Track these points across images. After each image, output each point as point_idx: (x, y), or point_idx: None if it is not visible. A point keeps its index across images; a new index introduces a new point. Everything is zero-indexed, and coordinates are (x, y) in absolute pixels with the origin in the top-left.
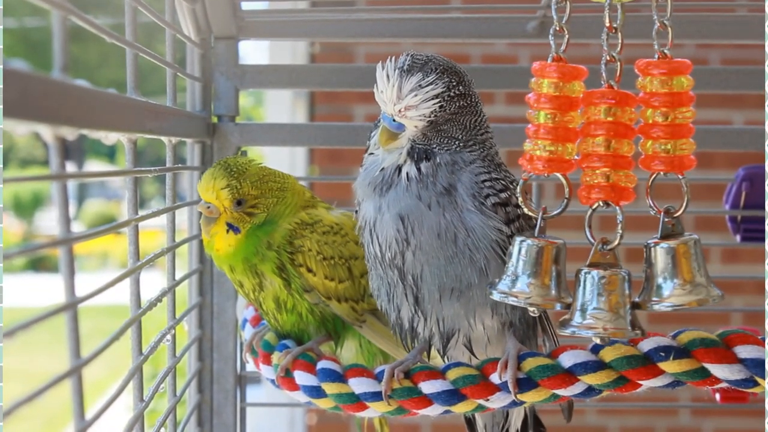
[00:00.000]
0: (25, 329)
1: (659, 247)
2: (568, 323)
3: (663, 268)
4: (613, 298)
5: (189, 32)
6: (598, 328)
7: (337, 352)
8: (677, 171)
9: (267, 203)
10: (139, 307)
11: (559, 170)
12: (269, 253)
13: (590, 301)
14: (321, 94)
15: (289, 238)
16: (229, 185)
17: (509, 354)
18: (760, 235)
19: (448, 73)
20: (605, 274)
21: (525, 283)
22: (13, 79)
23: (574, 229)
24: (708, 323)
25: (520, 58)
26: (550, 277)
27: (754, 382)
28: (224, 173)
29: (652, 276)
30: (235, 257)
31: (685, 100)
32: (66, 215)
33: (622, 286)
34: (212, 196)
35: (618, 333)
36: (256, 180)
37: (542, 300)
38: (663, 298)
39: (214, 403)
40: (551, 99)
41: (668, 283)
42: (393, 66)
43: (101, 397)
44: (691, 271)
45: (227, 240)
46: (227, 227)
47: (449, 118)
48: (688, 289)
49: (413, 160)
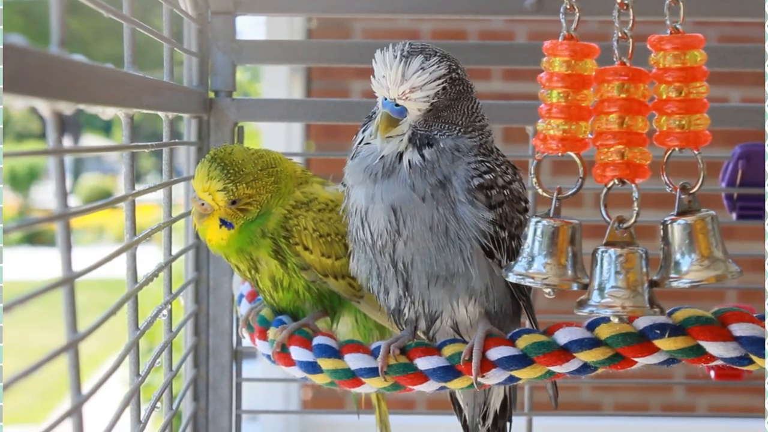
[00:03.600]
0: (23, 304)
1: (676, 223)
2: (586, 303)
3: (680, 245)
4: (631, 276)
5: (186, 7)
6: (617, 307)
7: (333, 328)
8: (692, 146)
9: (261, 200)
10: (136, 282)
11: (573, 149)
12: (264, 241)
13: (608, 280)
14: (318, 70)
15: (283, 222)
16: (225, 188)
17: (476, 338)
18: (756, 213)
19: (446, 58)
20: (622, 252)
21: (541, 264)
22: (10, 53)
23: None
24: (703, 301)
25: (517, 34)
26: (566, 257)
27: (748, 360)
28: (220, 174)
29: (669, 253)
30: (229, 248)
31: (699, 75)
32: (63, 190)
33: (639, 263)
34: (207, 197)
35: (637, 311)
36: (252, 180)
37: (559, 280)
38: (681, 274)
39: (209, 377)
40: (563, 77)
41: (686, 260)
42: (392, 53)
43: (97, 370)
44: (709, 247)
45: (219, 234)
46: (220, 222)
47: (449, 105)
48: (707, 264)
49: (415, 146)
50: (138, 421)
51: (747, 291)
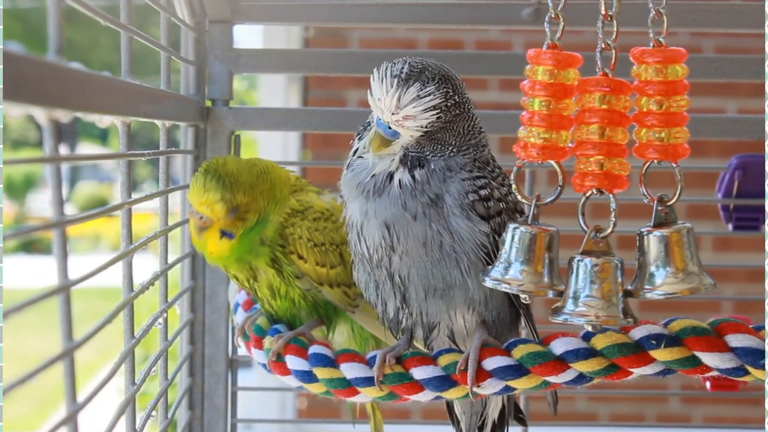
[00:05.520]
0: (19, 312)
1: (652, 235)
2: (561, 311)
3: (656, 257)
4: (606, 285)
5: (183, 15)
6: (590, 316)
7: (329, 337)
8: (671, 159)
9: (258, 206)
10: (132, 290)
11: (553, 158)
12: (262, 249)
13: (583, 289)
14: (315, 79)
15: (280, 231)
16: (223, 198)
17: (471, 347)
18: (752, 224)
19: (444, 82)
20: (598, 261)
21: (518, 270)
22: (7, 61)
23: (568, 217)
24: (699, 311)
25: (514, 44)
26: (543, 265)
27: (744, 371)
28: (216, 185)
29: (644, 264)
30: (229, 259)
31: (680, 89)
32: (60, 198)
33: (614, 273)
34: (206, 210)
35: (610, 321)
36: (248, 187)
37: (535, 287)
38: (655, 286)
39: (205, 386)
40: (546, 86)
41: (661, 272)
42: (390, 73)
43: (92, 379)
44: (684, 260)
45: (220, 245)
46: (221, 234)
47: (443, 127)
48: (681, 277)
49: (406, 167)
50: (133, 430)
51: (743, 302)
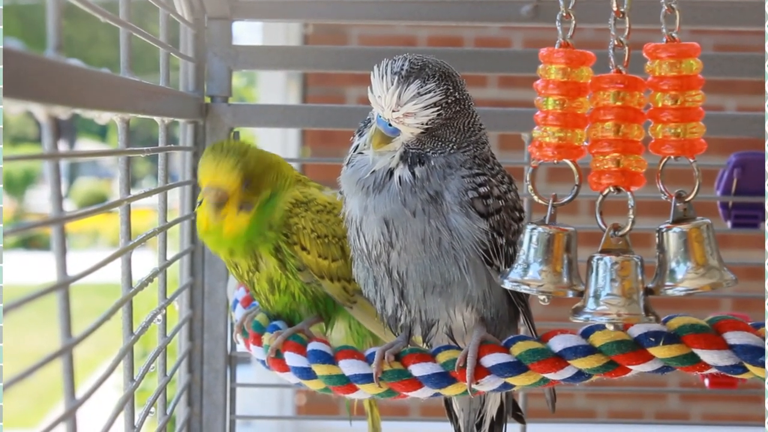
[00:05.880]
0: (18, 308)
1: (671, 231)
2: (582, 310)
3: (675, 253)
4: (627, 283)
5: (182, 12)
6: (612, 314)
7: (328, 334)
8: (688, 154)
9: (270, 179)
10: (131, 287)
11: (568, 156)
12: (269, 234)
13: (603, 288)
14: (314, 76)
15: (285, 219)
16: (237, 165)
17: (470, 344)
18: (751, 221)
19: (445, 78)
20: (618, 259)
21: (537, 271)
22: (6, 58)
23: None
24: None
25: (513, 41)
26: (561, 265)
27: (743, 368)
28: (228, 155)
29: (664, 261)
30: (245, 237)
31: (695, 83)
32: (58, 194)
33: (635, 271)
34: (222, 179)
35: (632, 318)
36: (257, 157)
37: (554, 287)
38: (676, 282)
39: (204, 383)
40: (559, 85)
41: (681, 268)
42: (390, 70)
43: (91, 375)
44: (704, 255)
45: (238, 221)
46: (238, 208)
47: (444, 123)
48: (702, 272)
49: (406, 164)
50: (132, 426)
51: (742, 299)
